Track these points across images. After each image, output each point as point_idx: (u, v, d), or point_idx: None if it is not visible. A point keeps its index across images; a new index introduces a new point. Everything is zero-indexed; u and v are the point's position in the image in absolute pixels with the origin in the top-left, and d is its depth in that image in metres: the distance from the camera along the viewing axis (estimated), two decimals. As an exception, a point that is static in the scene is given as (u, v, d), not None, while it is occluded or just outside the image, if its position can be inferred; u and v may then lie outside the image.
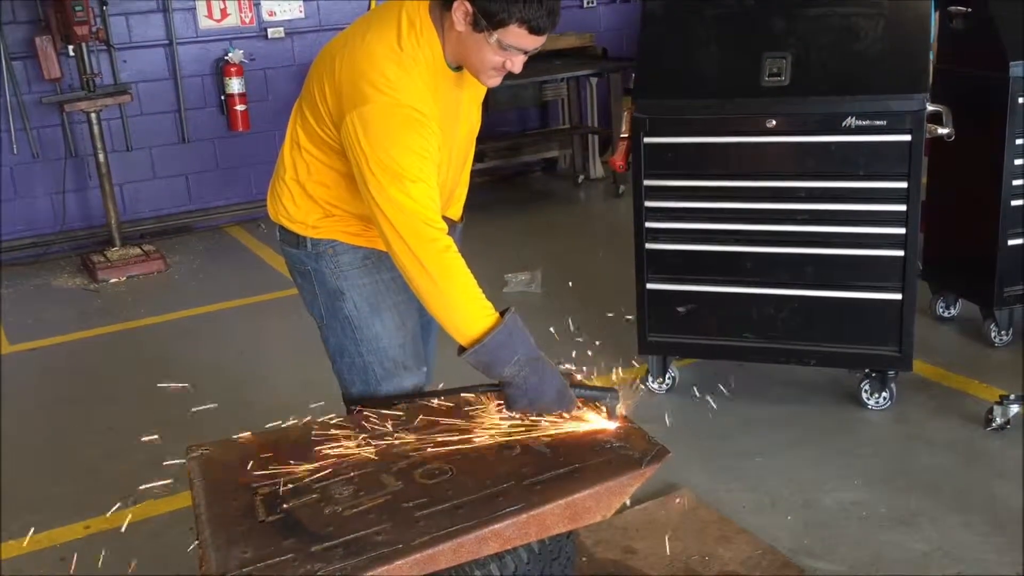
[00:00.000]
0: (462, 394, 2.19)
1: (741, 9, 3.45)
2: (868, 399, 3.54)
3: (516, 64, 2.10)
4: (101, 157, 5.78)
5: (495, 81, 2.17)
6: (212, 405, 2.81)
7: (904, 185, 3.24)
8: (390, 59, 2.05)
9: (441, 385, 2.32)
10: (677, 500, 2.99)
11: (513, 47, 2.05)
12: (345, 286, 2.31)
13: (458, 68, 2.18)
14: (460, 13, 2.02)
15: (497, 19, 1.99)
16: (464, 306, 2.04)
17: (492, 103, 6.67)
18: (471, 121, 2.36)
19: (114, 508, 2.77)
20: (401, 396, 2.33)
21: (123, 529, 2.64)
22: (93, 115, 5.72)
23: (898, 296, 3.33)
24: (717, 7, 3.47)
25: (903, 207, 3.26)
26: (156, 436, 2.22)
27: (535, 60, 2.17)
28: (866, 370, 3.53)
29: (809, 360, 3.56)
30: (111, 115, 6.20)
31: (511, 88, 6.60)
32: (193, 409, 2.84)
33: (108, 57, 6.20)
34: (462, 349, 2.04)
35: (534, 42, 2.06)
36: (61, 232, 6.25)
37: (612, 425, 2.05)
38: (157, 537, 3.05)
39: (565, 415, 2.07)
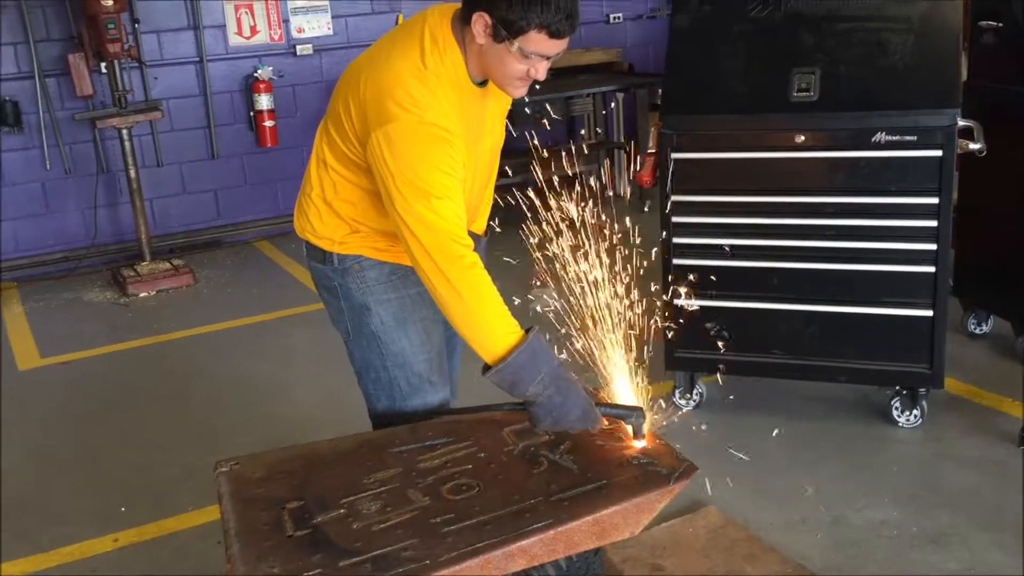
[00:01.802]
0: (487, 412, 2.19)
1: (769, 24, 3.43)
2: (899, 417, 3.50)
3: (540, 71, 2.10)
4: (132, 173, 5.85)
5: (521, 91, 2.17)
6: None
7: (935, 201, 3.21)
8: (415, 77, 2.06)
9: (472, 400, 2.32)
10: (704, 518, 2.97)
11: (535, 53, 2.05)
12: (371, 301, 2.32)
13: (482, 83, 2.19)
14: (480, 25, 2.03)
15: (516, 27, 2.00)
16: (490, 323, 2.04)
17: (518, 118, 6.68)
18: (495, 135, 2.36)
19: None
20: (427, 414, 2.33)
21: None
22: (125, 131, 5.79)
23: (929, 312, 3.30)
24: (745, 22, 3.46)
25: (934, 223, 3.23)
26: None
27: (562, 75, 2.17)
28: (897, 387, 3.50)
29: (838, 377, 3.54)
30: (142, 131, 6.29)
31: (538, 103, 6.61)
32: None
33: (140, 74, 6.29)
34: (486, 368, 2.04)
35: (555, 47, 2.06)
36: (92, 246, 6.33)
37: (639, 444, 2.05)
38: (186, 551, 3.07)
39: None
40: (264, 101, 6.53)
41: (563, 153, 2.56)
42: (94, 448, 3.85)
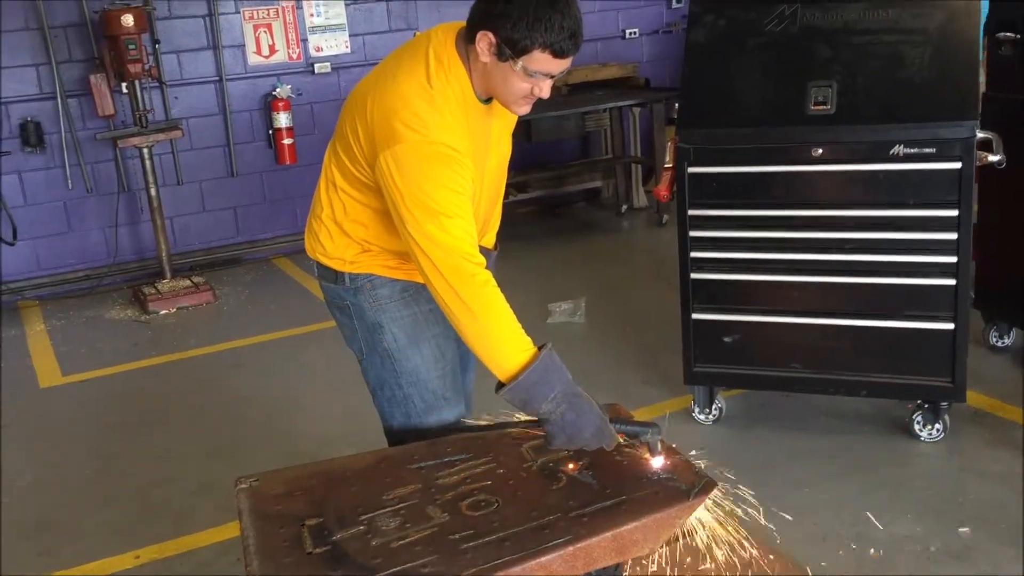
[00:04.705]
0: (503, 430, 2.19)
1: (785, 38, 3.43)
2: (921, 431, 3.47)
3: (544, 89, 2.10)
4: (153, 191, 5.90)
5: (525, 109, 2.18)
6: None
7: (955, 213, 3.19)
8: (421, 97, 2.07)
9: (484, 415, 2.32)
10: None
11: (539, 72, 2.06)
12: (384, 319, 2.33)
13: (487, 100, 2.20)
14: (484, 44, 2.04)
15: (520, 46, 2.01)
16: (502, 342, 2.04)
17: (535, 133, 6.70)
18: (501, 151, 2.37)
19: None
20: (443, 431, 2.33)
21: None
22: (145, 150, 5.84)
23: (950, 326, 3.28)
24: (761, 36, 3.46)
25: (954, 235, 3.21)
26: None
27: (578, 91, 2.18)
28: (918, 401, 3.47)
29: (859, 391, 3.51)
30: (163, 150, 6.34)
31: (554, 119, 6.63)
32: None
33: (160, 94, 6.36)
34: (500, 386, 2.04)
35: (559, 65, 2.06)
36: (114, 264, 6.39)
37: (657, 461, 2.04)
38: (206, 567, 3.07)
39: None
40: (283, 119, 6.58)
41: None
42: (115, 465, 3.87)
